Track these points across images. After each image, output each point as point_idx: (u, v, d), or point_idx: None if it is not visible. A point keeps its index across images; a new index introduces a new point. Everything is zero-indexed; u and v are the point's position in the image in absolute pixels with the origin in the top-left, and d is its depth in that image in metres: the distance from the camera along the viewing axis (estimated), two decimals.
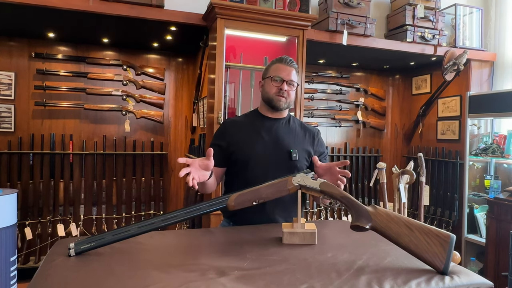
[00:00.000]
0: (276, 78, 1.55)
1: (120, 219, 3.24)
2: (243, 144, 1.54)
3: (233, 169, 1.57)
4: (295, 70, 1.58)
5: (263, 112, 1.62)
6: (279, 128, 1.59)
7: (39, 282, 0.87)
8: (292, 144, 1.56)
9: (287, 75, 1.54)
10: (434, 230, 0.97)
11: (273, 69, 1.58)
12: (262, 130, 1.58)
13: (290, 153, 1.53)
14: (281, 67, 1.56)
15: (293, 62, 1.59)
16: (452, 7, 3.52)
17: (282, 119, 1.62)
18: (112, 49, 3.27)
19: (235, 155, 1.55)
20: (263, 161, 1.51)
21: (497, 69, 3.57)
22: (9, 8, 2.30)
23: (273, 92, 1.55)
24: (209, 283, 0.85)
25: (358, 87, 3.95)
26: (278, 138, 1.57)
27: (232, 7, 2.44)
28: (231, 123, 1.64)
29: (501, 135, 3.31)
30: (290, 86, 1.55)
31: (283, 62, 1.57)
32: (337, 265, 0.97)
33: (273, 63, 1.61)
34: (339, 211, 3.84)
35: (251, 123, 1.61)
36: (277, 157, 1.53)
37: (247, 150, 1.53)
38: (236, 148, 1.54)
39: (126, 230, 1.05)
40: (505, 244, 2.71)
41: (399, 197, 2.66)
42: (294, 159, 1.53)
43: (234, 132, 1.58)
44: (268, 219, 1.49)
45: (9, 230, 2.18)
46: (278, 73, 1.55)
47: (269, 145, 1.55)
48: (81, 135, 3.22)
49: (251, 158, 1.52)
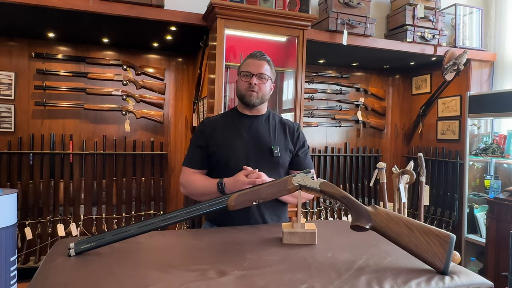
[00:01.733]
0: (245, 73, 1.53)
1: (120, 219, 3.24)
2: (223, 144, 1.52)
3: (214, 170, 1.55)
4: (267, 63, 1.55)
5: (241, 110, 1.60)
6: (259, 125, 1.57)
7: (39, 282, 0.87)
8: (273, 141, 1.55)
9: (256, 69, 1.52)
10: (434, 230, 0.97)
11: (243, 65, 1.56)
12: (241, 129, 1.56)
13: (271, 149, 1.52)
14: (251, 62, 1.54)
15: (263, 55, 1.56)
16: (452, 7, 3.52)
17: (261, 116, 1.60)
18: (112, 49, 3.27)
19: (216, 156, 1.53)
20: (244, 160, 1.49)
21: (497, 69, 3.57)
22: (9, 8, 2.29)
23: (244, 88, 1.53)
24: (209, 283, 0.85)
25: (358, 87, 3.95)
26: (258, 135, 1.55)
27: (232, 7, 2.44)
28: (210, 123, 1.60)
29: (501, 135, 3.31)
30: (260, 79, 1.52)
31: (253, 56, 1.55)
32: (337, 265, 0.97)
33: (244, 59, 1.59)
34: (339, 211, 3.84)
35: (230, 122, 1.58)
36: (259, 154, 1.51)
37: (228, 150, 1.51)
38: (216, 149, 1.53)
39: (126, 230, 1.05)
40: (505, 244, 2.71)
41: (399, 197, 2.66)
42: (276, 156, 1.52)
43: (213, 132, 1.56)
44: (252, 221, 1.47)
45: (9, 230, 2.18)
46: (247, 68, 1.53)
47: (249, 143, 1.53)
48: (81, 135, 3.22)
49: (232, 158, 1.50)
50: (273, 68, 1.59)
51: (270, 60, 1.58)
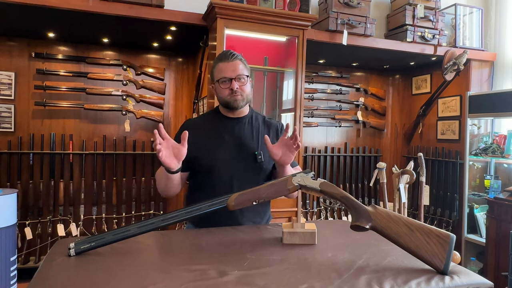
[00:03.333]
0: (222, 80, 1.46)
1: (120, 219, 3.24)
2: (206, 149, 1.48)
3: (197, 175, 1.51)
4: (241, 61, 1.48)
5: (224, 113, 1.55)
6: (242, 128, 1.53)
7: (39, 282, 0.87)
8: (257, 145, 1.51)
9: (233, 72, 1.45)
10: (434, 230, 0.97)
11: (217, 72, 1.49)
12: (224, 133, 1.51)
13: (255, 155, 1.48)
14: (223, 66, 1.46)
15: (234, 54, 1.48)
16: (452, 7, 3.53)
17: (244, 118, 1.55)
18: (112, 49, 3.27)
19: (199, 161, 1.47)
20: (228, 165, 1.46)
21: (497, 69, 3.57)
22: (9, 8, 2.29)
23: (226, 95, 1.46)
24: (209, 283, 0.85)
25: (358, 87, 3.95)
26: (241, 140, 1.51)
27: (232, 7, 2.44)
28: (192, 126, 1.52)
29: (501, 135, 3.32)
30: (240, 81, 1.46)
31: (224, 59, 1.47)
32: (337, 265, 0.97)
33: (215, 63, 1.50)
34: (339, 211, 3.84)
35: (212, 126, 1.54)
36: (242, 160, 1.48)
37: (211, 156, 1.47)
38: (198, 154, 1.46)
39: (126, 230, 1.05)
40: (505, 244, 2.71)
41: (399, 197, 2.66)
42: (259, 161, 1.48)
43: (195, 135, 1.45)
44: (233, 222, 1.44)
45: (9, 230, 2.18)
46: (223, 73, 1.46)
47: (233, 149, 1.49)
48: (81, 135, 3.22)
49: (215, 164, 1.46)
50: (246, 65, 1.51)
51: (241, 56, 1.50)
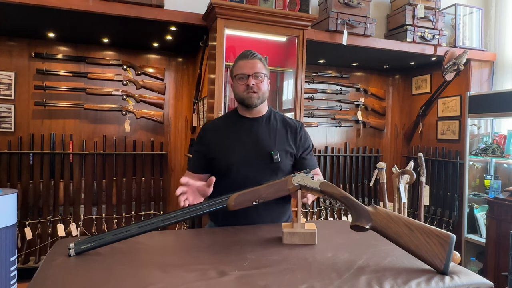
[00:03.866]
0: (240, 76, 1.50)
1: (120, 219, 3.24)
2: (223, 150, 1.51)
3: (217, 175, 1.51)
4: (260, 60, 1.52)
5: (241, 112, 1.58)
6: (259, 128, 1.55)
7: (39, 282, 0.87)
8: (273, 145, 1.52)
9: (251, 69, 1.49)
10: (434, 230, 0.97)
11: (236, 68, 1.53)
12: (242, 133, 1.54)
13: (271, 155, 1.49)
14: (243, 64, 1.51)
15: (254, 54, 1.53)
16: (452, 7, 3.52)
17: (261, 118, 1.57)
18: (112, 49, 3.27)
19: (217, 161, 1.52)
20: (245, 165, 1.48)
21: (497, 69, 3.57)
22: (9, 8, 2.29)
23: (242, 91, 1.50)
24: (209, 283, 0.85)
25: (358, 87, 3.95)
26: (258, 139, 1.52)
27: (232, 7, 2.44)
28: (210, 129, 1.59)
29: (501, 135, 3.32)
30: (257, 79, 1.50)
31: (244, 57, 1.52)
32: (337, 265, 0.97)
33: (235, 62, 1.56)
34: (339, 211, 3.84)
35: (230, 126, 1.57)
36: (259, 160, 1.49)
37: (228, 156, 1.50)
38: (216, 155, 1.52)
39: (126, 230, 1.05)
40: (505, 244, 2.71)
41: (399, 197, 2.66)
42: (276, 161, 1.49)
43: (214, 137, 1.55)
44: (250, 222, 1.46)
45: (9, 230, 2.18)
46: (241, 70, 1.50)
47: (250, 148, 1.51)
48: (81, 135, 3.22)
49: (233, 164, 1.49)
50: (266, 65, 1.56)
51: (262, 57, 1.56)
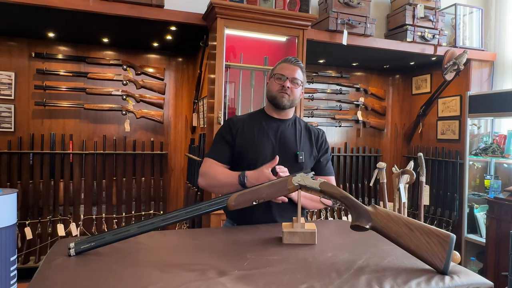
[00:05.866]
0: (279, 76, 1.56)
1: (120, 219, 3.24)
2: (251, 143, 1.54)
3: (238, 167, 1.52)
4: (300, 69, 1.59)
5: (269, 112, 1.62)
6: (285, 129, 1.59)
7: (39, 282, 0.87)
8: (299, 146, 1.57)
9: (290, 73, 1.55)
10: (434, 230, 0.97)
11: (277, 68, 1.60)
12: (269, 131, 1.57)
13: (296, 155, 1.54)
14: (285, 66, 1.58)
15: (298, 61, 1.60)
16: (452, 7, 3.52)
17: (288, 120, 1.62)
18: (112, 49, 3.27)
19: (242, 154, 1.54)
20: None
21: (497, 69, 3.57)
22: (9, 8, 2.29)
23: (276, 90, 1.55)
24: (209, 283, 0.85)
25: (358, 87, 3.95)
26: (284, 139, 1.57)
27: (232, 7, 2.44)
28: (237, 121, 1.61)
29: (501, 135, 3.31)
30: (293, 84, 1.55)
31: (288, 61, 1.59)
32: (337, 265, 0.97)
33: (278, 63, 1.63)
34: (339, 211, 3.84)
35: (257, 123, 1.60)
36: (284, 159, 1.49)
37: (256, 150, 1.53)
38: (243, 148, 1.54)
39: (126, 230, 1.05)
40: (505, 244, 2.71)
41: (399, 197, 2.66)
42: (300, 162, 1.53)
43: (242, 130, 1.57)
44: (271, 220, 1.49)
45: (9, 230, 2.18)
46: (281, 71, 1.57)
47: (276, 147, 1.55)
48: (81, 135, 3.22)
49: (259, 159, 1.50)
50: (305, 74, 1.62)
51: (303, 67, 1.62)
